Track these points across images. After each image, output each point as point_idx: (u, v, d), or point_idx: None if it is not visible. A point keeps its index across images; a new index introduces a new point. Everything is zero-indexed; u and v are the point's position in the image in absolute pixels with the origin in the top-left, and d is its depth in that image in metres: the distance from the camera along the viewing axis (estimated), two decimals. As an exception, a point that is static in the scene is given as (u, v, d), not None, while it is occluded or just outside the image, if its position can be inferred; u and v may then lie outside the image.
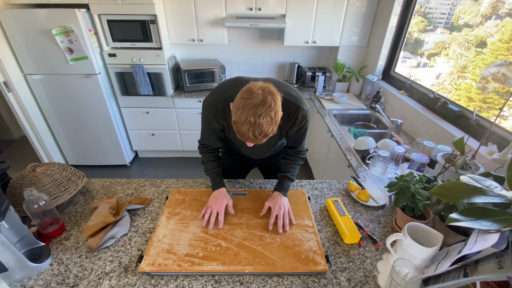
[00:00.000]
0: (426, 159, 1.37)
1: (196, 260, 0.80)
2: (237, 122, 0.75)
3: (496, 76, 0.93)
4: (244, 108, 0.74)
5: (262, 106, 0.73)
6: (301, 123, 0.99)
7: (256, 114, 0.73)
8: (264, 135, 0.76)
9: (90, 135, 2.69)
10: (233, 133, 1.02)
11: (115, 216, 0.94)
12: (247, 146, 1.12)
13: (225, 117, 0.97)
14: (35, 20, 2.08)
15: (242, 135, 0.76)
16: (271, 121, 0.75)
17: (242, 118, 0.74)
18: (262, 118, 0.73)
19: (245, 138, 0.77)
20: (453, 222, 0.61)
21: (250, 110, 0.73)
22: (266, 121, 0.74)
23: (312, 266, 0.80)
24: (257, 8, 2.39)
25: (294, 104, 0.95)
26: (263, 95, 0.74)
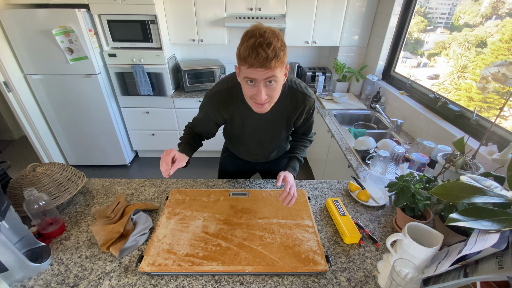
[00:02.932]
0: (426, 159, 1.37)
1: (196, 260, 0.80)
2: (241, 48, 0.73)
3: (496, 76, 0.93)
4: (247, 32, 0.73)
5: (267, 29, 0.72)
6: (308, 112, 0.99)
7: (261, 30, 0.71)
8: (273, 52, 0.70)
9: (90, 135, 2.69)
10: (236, 125, 1.02)
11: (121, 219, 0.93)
12: (250, 144, 1.11)
13: (228, 108, 0.96)
14: (35, 20, 2.08)
15: (249, 56, 0.71)
16: (280, 43, 0.72)
17: (247, 39, 0.72)
18: (269, 34, 0.71)
19: (252, 60, 0.71)
20: (453, 222, 0.61)
21: (255, 30, 0.72)
22: (274, 38, 0.71)
23: (312, 266, 0.80)
24: (257, 8, 2.39)
25: (301, 92, 0.95)
26: (269, 28, 0.74)
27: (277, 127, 1.03)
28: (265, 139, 1.09)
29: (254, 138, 1.09)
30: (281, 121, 1.01)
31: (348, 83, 2.79)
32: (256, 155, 1.22)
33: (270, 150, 1.18)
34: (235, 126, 1.02)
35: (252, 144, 1.13)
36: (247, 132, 1.05)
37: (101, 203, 1.06)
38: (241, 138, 1.10)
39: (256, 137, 1.08)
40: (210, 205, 1.03)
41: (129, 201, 1.07)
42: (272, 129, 1.04)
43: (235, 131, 1.06)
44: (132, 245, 0.86)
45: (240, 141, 1.14)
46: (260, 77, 0.75)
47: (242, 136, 1.08)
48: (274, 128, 1.04)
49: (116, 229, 0.88)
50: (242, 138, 1.10)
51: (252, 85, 0.78)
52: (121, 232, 0.87)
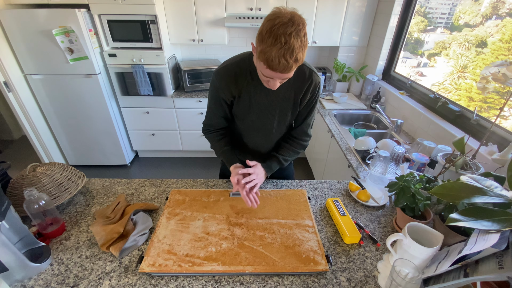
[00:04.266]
0: (426, 159, 1.37)
1: (196, 261, 0.80)
2: (264, 48, 0.71)
3: (496, 76, 0.93)
4: (272, 30, 0.70)
5: (292, 25, 0.69)
6: (314, 90, 0.97)
7: (286, 33, 0.68)
8: (295, 60, 0.71)
9: (90, 135, 2.69)
10: (243, 103, 1.00)
11: (121, 219, 0.93)
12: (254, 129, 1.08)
13: (237, 84, 0.94)
14: (35, 20, 2.08)
15: (271, 62, 0.71)
16: (301, 43, 0.71)
17: (271, 40, 0.70)
18: (293, 38, 0.69)
19: (274, 66, 0.72)
20: (454, 222, 0.61)
21: (280, 29, 0.69)
22: (297, 42, 0.70)
23: (312, 266, 0.80)
24: (257, 8, 2.39)
25: (308, 68, 0.94)
26: (291, 15, 0.71)
27: (284, 106, 1.01)
28: (271, 121, 1.05)
29: (259, 120, 1.04)
30: (289, 98, 0.99)
31: (348, 83, 2.79)
32: (259, 145, 1.15)
33: (273, 138, 1.13)
34: (241, 105, 1.00)
35: (256, 129, 1.08)
36: (253, 111, 1.02)
37: (101, 203, 1.06)
38: (246, 120, 1.05)
39: (262, 117, 1.04)
40: (210, 206, 1.03)
41: (129, 201, 1.07)
42: (279, 107, 1.01)
43: (241, 111, 1.02)
44: (132, 245, 0.86)
45: (244, 127, 1.09)
46: (277, 77, 0.78)
47: (247, 118, 1.04)
48: (281, 106, 1.01)
49: (116, 229, 0.88)
50: (247, 121, 1.06)
51: (267, 78, 0.80)
52: (121, 232, 0.87)
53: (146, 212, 1.00)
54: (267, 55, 0.71)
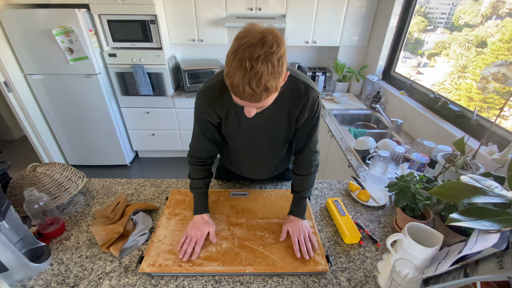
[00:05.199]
0: (426, 159, 1.37)
1: (196, 261, 0.80)
2: (229, 72, 0.59)
3: (496, 76, 0.93)
4: (237, 51, 0.58)
5: (261, 47, 0.57)
6: (312, 107, 0.84)
7: (252, 57, 0.56)
8: (264, 88, 0.59)
9: (90, 135, 2.69)
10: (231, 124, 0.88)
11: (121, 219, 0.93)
12: (248, 152, 0.98)
13: (223, 104, 0.83)
14: (35, 20, 2.08)
15: (235, 89, 0.60)
16: (273, 69, 0.58)
17: (235, 64, 0.58)
18: (261, 63, 0.56)
19: (239, 94, 0.60)
20: (454, 222, 0.61)
21: (245, 51, 0.57)
22: (266, 68, 0.57)
23: (312, 266, 0.80)
24: (257, 8, 2.39)
25: (303, 83, 0.82)
26: (262, 34, 0.58)
27: (277, 125, 0.89)
28: (263, 142, 0.94)
29: (250, 140, 0.93)
30: (282, 116, 0.86)
31: (348, 83, 2.79)
32: (254, 169, 1.07)
33: (269, 160, 1.03)
34: (230, 126, 0.89)
35: (249, 148, 0.97)
36: (242, 132, 0.90)
37: (101, 203, 1.06)
38: (237, 140, 0.95)
39: (253, 138, 0.92)
40: (210, 206, 1.03)
41: (129, 201, 1.07)
42: (271, 127, 0.89)
43: (229, 131, 0.91)
44: (132, 245, 0.86)
45: (237, 146, 0.98)
46: (248, 106, 0.66)
47: (237, 138, 0.93)
48: (274, 126, 0.89)
49: (116, 229, 0.88)
50: (238, 141, 0.95)
51: None
52: (121, 232, 0.87)
53: (146, 212, 1.00)
54: (231, 80, 0.60)
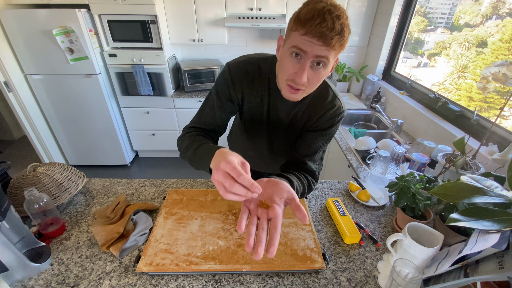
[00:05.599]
0: (426, 159, 1.37)
1: (194, 260, 0.80)
2: (303, 8, 0.60)
3: (496, 76, 0.93)
4: None
5: (338, 5, 0.60)
6: (333, 117, 0.80)
7: (331, 1, 0.59)
8: (341, 27, 0.58)
9: (90, 135, 2.69)
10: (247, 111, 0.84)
11: (121, 219, 0.93)
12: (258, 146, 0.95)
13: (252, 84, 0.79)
14: (35, 20, 2.08)
15: (311, 18, 0.57)
16: (347, 19, 0.60)
17: (313, 2, 0.59)
18: (339, 7, 0.59)
19: (314, 25, 0.57)
20: (454, 222, 0.61)
21: (323, 0, 0.59)
22: (343, 12, 0.59)
23: (309, 264, 0.80)
24: (258, 8, 2.39)
25: (333, 92, 0.81)
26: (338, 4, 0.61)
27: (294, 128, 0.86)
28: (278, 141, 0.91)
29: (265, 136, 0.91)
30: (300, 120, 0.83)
31: (348, 83, 2.79)
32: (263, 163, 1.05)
33: (278, 155, 1.00)
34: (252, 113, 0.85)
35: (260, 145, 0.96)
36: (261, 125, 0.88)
37: (101, 203, 1.06)
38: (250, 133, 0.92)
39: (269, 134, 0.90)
40: (208, 205, 1.03)
41: (129, 201, 1.07)
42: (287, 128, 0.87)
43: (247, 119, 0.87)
44: (133, 245, 0.86)
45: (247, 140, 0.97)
46: (312, 51, 0.60)
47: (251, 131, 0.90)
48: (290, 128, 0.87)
49: (116, 229, 0.88)
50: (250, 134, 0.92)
51: (296, 60, 0.63)
52: (121, 232, 0.87)
53: (146, 212, 1.00)
54: (305, 13, 0.58)
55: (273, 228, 0.51)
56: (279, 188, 0.57)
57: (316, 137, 0.83)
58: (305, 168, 0.83)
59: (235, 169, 0.48)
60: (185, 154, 0.78)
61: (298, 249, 0.84)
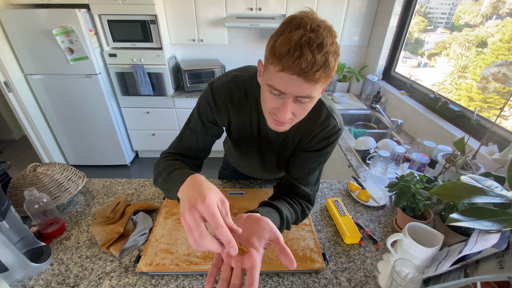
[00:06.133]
0: (426, 159, 1.37)
1: (194, 260, 0.80)
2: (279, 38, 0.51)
3: (496, 76, 0.93)
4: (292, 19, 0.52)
5: (322, 25, 0.50)
6: (327, 137, 0.72)
7: (313, 23, 0.50)
8: (325, 57, 0.48)
9: (90, 135, 2.69)
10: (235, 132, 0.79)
11: (121, 219, 0.93)
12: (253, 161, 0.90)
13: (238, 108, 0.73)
14: (35, 20, 2.08)
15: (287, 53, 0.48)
16: (333, 41, 0.50)
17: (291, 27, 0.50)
18: (322, 29, 0.49)
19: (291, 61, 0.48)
20: (454, 222, 0.61)
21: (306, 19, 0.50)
22: (328, 38, 0.49)
23: (309, 264, 0.80)
24: (258, 8, 2.39)
25: (327, 110, 0.72)
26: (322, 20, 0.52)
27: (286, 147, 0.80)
28: (271, 160, 0.87)
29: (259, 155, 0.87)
30: (292, 140, 0.78)
31: (349, 83, 2.79)
32: (255, 173, 1.05)
33: (272, 171, 0.97)
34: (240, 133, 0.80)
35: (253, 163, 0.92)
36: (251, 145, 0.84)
37: (101, 203, 1.06)
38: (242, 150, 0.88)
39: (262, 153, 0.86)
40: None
41: (129, 201, 1.07)
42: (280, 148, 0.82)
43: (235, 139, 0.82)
44: (133, 245, 0.86)
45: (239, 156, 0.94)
46: (292, 91, 0.52)
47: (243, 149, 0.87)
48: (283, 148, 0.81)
49: (116, 229, 0.88)
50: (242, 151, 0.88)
51: (276, 96, 0.56)
52: (121, 232, 0.87)
53: (146, 212, 1.00)
54: (281, 46, 0.49)
55: (249, 278, 0.41)
56: (260, 228, 0.48)
57: (309, 158, 0.75)
58: (298, 192, 0.76)
59: (214, 216, 0.41)
60: (157, 181, 0.70)
61: (298, 249, 0.84)
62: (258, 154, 0.87)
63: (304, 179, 0.76)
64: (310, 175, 0.77)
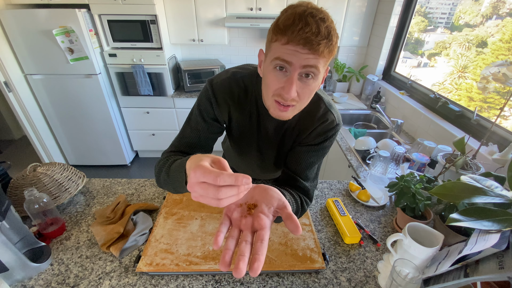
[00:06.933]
0: (426, 159, 1.37)
1: (194, 260, 0.80)
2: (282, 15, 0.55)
3: (496, 76, 0.93)
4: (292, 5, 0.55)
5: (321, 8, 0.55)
6: (325, 132, 0.73)
7: (312, 4, 0.55)
8: (327, 30, 0.51)
9: (90, 135, 2.69)
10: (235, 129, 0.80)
11: (121, 219, 0.93)
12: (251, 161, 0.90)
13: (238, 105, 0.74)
14: (35, 20, 2.08)
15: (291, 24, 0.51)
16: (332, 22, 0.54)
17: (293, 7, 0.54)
18: (322, 9, 0.54)
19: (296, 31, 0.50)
20: (454, 222, 0.61)
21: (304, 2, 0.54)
22: (327, 14, 0.54)
23: (309, 264, 0.80)
24: (258, 8, 2.39)
25: (324, 104, 0.73)
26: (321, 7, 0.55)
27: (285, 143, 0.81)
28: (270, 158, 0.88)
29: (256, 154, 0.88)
30: (291, 136, 0.78)
31: (349, 83, 2.79)
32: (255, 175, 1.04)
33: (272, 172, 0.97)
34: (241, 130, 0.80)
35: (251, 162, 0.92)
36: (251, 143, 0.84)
37: (101, 203, 1.06)
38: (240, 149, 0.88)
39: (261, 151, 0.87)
40: (208, 205, 1.02)
41: (129, 201, 1.07)
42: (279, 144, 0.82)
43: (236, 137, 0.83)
44: (133, 245, 0.86)
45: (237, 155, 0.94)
46: (298, 61, 0.53)
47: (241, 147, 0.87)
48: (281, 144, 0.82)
49: (116, 229, 0.88)
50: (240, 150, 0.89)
51: (281, 73, 0.56)
52: (121, 232, 0.87)
53: (146, 212, 1.00)
54: (285, 19, 0.52)
55: (258, 240, 0.40)
56: (268, 195, 0.47)
57: (307, 152, 0.75)
58: (297, 185, 0.75)
59: (208, 172, 0.39)
60: (159, 178, 0.68)
61: (298, 249, 0.85)
62: (257, 151, 0.87)
63: (302, 173, 0.76)
64: (309, 169, 0.76)
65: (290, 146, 0.81)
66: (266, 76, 0.60)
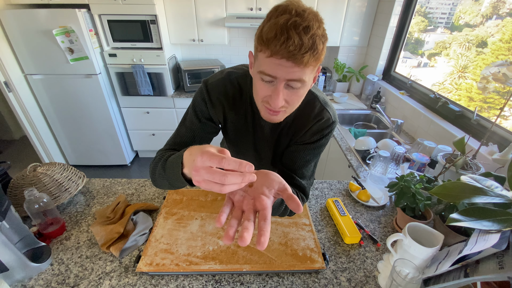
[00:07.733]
0: (426, 159, 1.37)
1: (194, 260, 0.80)
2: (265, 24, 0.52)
3: (496, 76, 0.93)
4: (278, 7, 0.53)
5: (308, 10, 0.52)
6: (321, 130, 0.73)
7: (298, 8, 0.51)
8: (312, 40, 0.49)
9: (90, 135, 2.69)
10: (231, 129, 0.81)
11: (121, 219, 0.93)
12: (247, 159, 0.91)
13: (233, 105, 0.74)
14: (35, 20, 2.08)
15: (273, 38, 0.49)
16: (319, 25, 0.52)
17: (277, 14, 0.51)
18: (308, 14, 0.51)
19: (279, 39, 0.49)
20: (454, 222, 0.61)
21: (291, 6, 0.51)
22: (314, 18, 0.51)
23: (309, 264, 0.80)
24: (258, 8, 2.39)
25: (319, 102, 0.73)
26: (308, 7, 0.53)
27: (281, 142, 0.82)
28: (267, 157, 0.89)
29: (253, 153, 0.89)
30: (287, 134, 0.79)
31: (349, 83, 2.79)
32: None
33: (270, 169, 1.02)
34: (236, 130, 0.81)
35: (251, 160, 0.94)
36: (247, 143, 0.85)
37: (101, 203, 1.06)
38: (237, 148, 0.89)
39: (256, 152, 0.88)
40: (208, 205, 1.03)
41: (129, 201, 1.07)
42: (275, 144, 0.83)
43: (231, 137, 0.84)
44: (133, 245, 0.86)
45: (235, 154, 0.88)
46: (282, 75, 0.53)
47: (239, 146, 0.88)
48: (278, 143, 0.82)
49: (116, 229, 0.88)
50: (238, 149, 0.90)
51: (267, 84, 0.57)
52: (121, 232, 0.87)
53: (146, 212, 1.00)
54: (267, 31, 0.50)
55: (261, 220, 0.42)
56: (269, 179, 0.49)
57: (303, 150, 0.76)
58: (294, 183, 0.77)
59: (213, 156, 0.40)
60: (155, 175, 0.68)
61: (298, 249, 0.85)
62: (254, 151, 0.88)
63: (299, 171, 0.77)
64: (305, 167, 0.77)
65: (287, 145, 0.82)
66: (254, 82, 0.61)
